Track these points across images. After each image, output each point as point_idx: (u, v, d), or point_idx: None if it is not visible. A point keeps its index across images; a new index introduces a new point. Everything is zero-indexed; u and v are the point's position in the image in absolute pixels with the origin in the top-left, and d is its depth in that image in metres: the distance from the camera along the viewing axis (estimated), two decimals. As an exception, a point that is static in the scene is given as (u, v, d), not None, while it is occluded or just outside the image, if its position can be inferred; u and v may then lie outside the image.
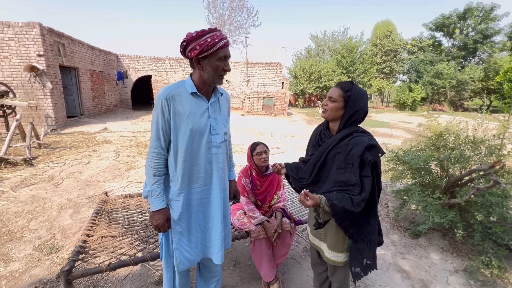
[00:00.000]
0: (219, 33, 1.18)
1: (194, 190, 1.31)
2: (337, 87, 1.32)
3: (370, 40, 25.82)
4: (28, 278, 2.04)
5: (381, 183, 1.34)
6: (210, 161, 1.31)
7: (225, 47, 1.19)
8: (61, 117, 8.41)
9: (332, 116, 1.34)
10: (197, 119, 1.24)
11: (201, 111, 1.26)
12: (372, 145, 1.22)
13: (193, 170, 1.28)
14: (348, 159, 1.22)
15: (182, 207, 1.30)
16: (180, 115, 1.21)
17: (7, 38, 7.24)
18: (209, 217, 1.37)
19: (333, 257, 1.42)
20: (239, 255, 2.41)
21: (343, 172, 1.22)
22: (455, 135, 2.80)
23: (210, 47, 1.15)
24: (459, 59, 24.76)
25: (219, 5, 21.71)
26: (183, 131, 1.22)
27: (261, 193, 2.14)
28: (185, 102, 1.22)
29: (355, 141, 1.23)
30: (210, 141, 1.29)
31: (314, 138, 1.50)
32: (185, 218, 1.33)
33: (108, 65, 12.73)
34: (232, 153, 1.67)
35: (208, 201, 1.35)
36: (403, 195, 2.82)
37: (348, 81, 1.33)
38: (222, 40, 1.17)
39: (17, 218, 2.92)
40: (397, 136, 8.74)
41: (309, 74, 19.51)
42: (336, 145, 1.29)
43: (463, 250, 2.56)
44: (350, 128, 1.30)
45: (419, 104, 22.09)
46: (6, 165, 4.50)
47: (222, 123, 1.34)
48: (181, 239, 1.34)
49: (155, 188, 1.25)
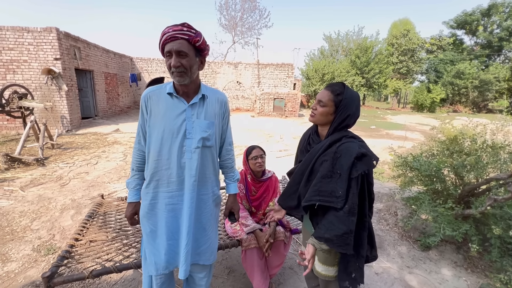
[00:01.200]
0: (167, 28, 1.12)
1: (163, 194, 1.24)
2: (327, 89, 1.21)
3: (386, 39, 25.06)
4: (22, 280, 2.05)
5: (373, 193, 1.23)
6: (183, 167, 1.22)
7: (169, 41, 1.11)
8: (76, 119, 8.70)
9: (321, 121, 1.24)
10: (171, 121, 1.19)
11: (176, 113, 1.20)
12: (363, 154, 1.10)
13: (163, 173, 1.22)
14: (335, 168, 1.12)
15: (148, 208, 1.27)
16: (155, 116, 1.20)
17: (26, 43, 7.58)
18: (181, 226, 1.27)
19: (323, 270, 1.32)
20: (234, 263, 2.32)
21: (328, 182, 1.12)
22: (471, 140, 2.57)
23: (159, 45, 1.15)
24: (483, 58, 23.51)
25: (231, 7, 21.87)
26: (157, 132, 1.20)
27: (256, 199, 2.05)
28: (161, 103, 1.20)
29: (344, 149, 1.13)
30: (183, 146, 1.21)
31: (302, 143, 1.40)
32: (152, 220, 1.27)
33: (122, 67, 13.08)
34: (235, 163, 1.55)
35: (180, 209, 1.26)
36: (412, 203, 2.63)
37: (339, 83, 1.22)
38: (164, 35, 1.11)
39: (22, 217, 2.99)
40: (412, 139, 8.35)
41: (321, 75, 19.17)
42: (324, 152, 1.19)
43: (479, 266, 2.33)
44: (339, 133, 1.19)
45: (438, 105, 21.16)
46: (19, 164, 4.66)
47: (202, 127, 1.23)
48: (149, 240, 1.29)
49: (132, 181, 1.31)
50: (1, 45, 7.46)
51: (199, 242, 1.35)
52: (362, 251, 1.21)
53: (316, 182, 1.16)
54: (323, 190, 1.12)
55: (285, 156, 6.07)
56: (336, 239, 1.09)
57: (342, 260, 1.24)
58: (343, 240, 1.09)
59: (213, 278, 2.12)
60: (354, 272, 1.21)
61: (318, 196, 1.13)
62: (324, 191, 1.12)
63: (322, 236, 1.13)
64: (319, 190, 1.14)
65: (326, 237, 1.11)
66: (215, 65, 15.64)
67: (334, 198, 1.09)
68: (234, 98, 16.19)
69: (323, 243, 1.13)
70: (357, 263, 1.21)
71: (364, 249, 1.21)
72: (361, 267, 1.23)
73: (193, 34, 1.12)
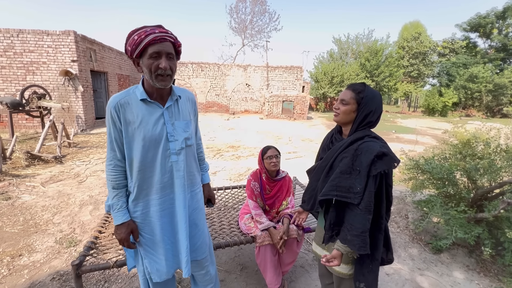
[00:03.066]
0: (149, 29, 1.07)
1: (154, 202, 1.22)
2: (348, 89, 1.26)
3: (397, 42, 24.77)
4: (47, 269, 2.17)
5: (391, 195, 1.24)
6: (170, 170, 1.22)
7: (154, 43, 1.06)
8: (91, 119, 8.97)
9: (344, 120, 1.27)
10: (150, 128, 1.14)
11: (154, 119, 1.16)
12: (384, 153, 1.11)
13: (150, 181, 1.20)
14: (355, 165, 1.15)
15: (141, 218, 1.23)
16: (131, 125, 1.13)
17: (46, 46, 7.89)
18: (177, 228, 1.27)
19: (338, 267, 1.35)
20: (247, 259, 2.38)
21: (347, 178, 1.15)
22: (485, 144, 2.57)
23: (137, 45, 1.05)
24: (497, 61, 22.94)
25: (241, 11, 22.11)
26: (136, 142, 1.14)
27: (270, 197, 2.11)
28: (135, 110, 1.13)
29: (365, 147, 1.15)
30: (168, 149, 1.19)
31: (325, 142, 1.44)
32: (147, 229, 1.24)
33: (135, 69, 13.37)
34: (205, 155, 1.59)
35: (173, 211, 1.26)
36: (423, 206, 2.63)
37: (360, 83, 1.27)
38: (150, 35, 1.05)
39: (44, 211, 3.14)
40: (423, 143, 8.25)
41: (331, 78, 19.12)
42: (345, 149, 1.22)
43: (492, 270, 2.33)
44: (361, 132, 1.22)
45: (450, 109, 20.74)
46: (39, 161, 4.87)
47: (182, 128, 1.23)
48: (147, 249, 1.27)
49: (115, 202, 1.19)
50: (22, 47, 7.80)
51: (194, 238, 1.36)
52: (377, 254, 1.20)
53: (335, 177, 1.19)
54: (341, 186, 1.15)
55: (294, 157, 6.11)
56: (356, 240, 1.11)
57: (357, 260, 1.25)
58: (361, 239, 1.11)
59: (227, 273, 2.19)
60: (367, 274, 1.21)
61: (336, 191, 1.16)
62: (342, 187, 1.15)
63: (345, 238, 1.16)
64: (337, 185, 1.16)
65: (348, 238, 1.14)
66: (225, 68, 15.83)
67: (351, 194, 1.12)
68: (243, 101, 16.33)
69: (347, 245, 1.15)
70: (371, 265, 1.21)
71: (379, 251, 1.21)
72: (374, 270, 1.22)
73: (175, 37, 1.13)
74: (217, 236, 2.02)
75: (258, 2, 21.63)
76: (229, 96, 16.14)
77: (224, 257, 2.39)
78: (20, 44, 7.77)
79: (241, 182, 4.38)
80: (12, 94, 7.96)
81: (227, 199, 2.76)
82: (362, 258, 1.22)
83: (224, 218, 2.33)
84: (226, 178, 4.61)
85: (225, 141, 7.64)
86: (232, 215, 2.39)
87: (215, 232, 2.10)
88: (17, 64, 7.88)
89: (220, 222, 2.27)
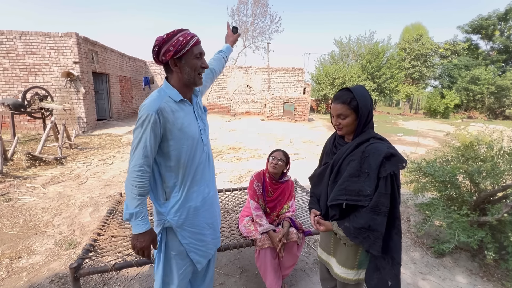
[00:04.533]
0: (188, 31, 1.15)
1: (196, 194, 1.28)
2: (338, 103, 1.21)
3: (398, 44, 24.77)
4: (46, 272, 2.16)
5: (400, 196, 1.22)
6: (205, 160, 1.30)
7: (197, 44, 1.16)
8: (92, 120, 9.00)
9: (350, 130, 1.26)
10: (191, 126, 1.20)
11: (190, 117, 1.23)
12: (392, 154, 1.11)
13: (194, 176, 1.25)
14: (363, 167, 1.13)
15: (188, 214, 1.25)
16: (173, 127, 1.14)
17: (48, 47, 7.94)
18: (214, 212, 1.39)
19: (342, 273, 1.33)
20: (246, 262, 2.36)
21: (356, 181, 1.14)
22: (487, 146, 2.54)
23: (184, 46, 1.11)
24: (500, 63, 22.87)
25: (242, 13, 22.18)
26: (180, 143, 1.17)
27: (272, 200, 2.10)
28: (176, 113, 1.15)
29: (372, 149, 1.14)
30: (202, 142, 1.27)
31: (328, 146, 1.42)
32: (191, 222, 1.28)
33: (136, 71, 13.46)
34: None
35: (209, 197, 1.34)
36: (425, 209, 2.61)
37: (343, 91, 1.24)
38: (194, 38, 1.14)
39: (44, 213, 3.13)
40: (425, 145, 8.21)
41: (332, 80, 19.11)
42: (352, 152, 1.20)
43: (496, 274, 2.29)
44: (366, 134, 1.21)
45: (452, 111, 20.66)
46: (40, 163, 4.88)
47: (204, 120, 1.34)
48: (192, 242, 1.30)
49: (140, 210, 1.14)
50: (25, 49, 7.84)
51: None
52: (397, 257, 1.17)
53: (343, 181, 1.17)
54: (350, 189, 1.14)
55: (295, 159, 6.08)
56: (353, 230, 1.15)
57: (371, 265, 1.22)
58: (359, 233, 1.12)
59: (226, 277, 2.17)
60: (390, 280, 1.17)
61: (345, 195, 1.14)
62: (351, 190, 1.13)
63: (343, 224, 1.19)
64: (346, 189, 1.15)
65: (345, 224, 1.18)
66: (226, 69, 15.86)
67: (361, 196, 1.11)
68: (244, 102, 16.34)
69: (341, 229, 1.19)
70: (393, 270, 1.17)
71: (399, 254, 1.17)
72: (397, 274, 1.18)
73: None
74: (217, 239, 2.01)
75: (260, 4, 21.70)
76: (230, 98, 16.16)
77: (224, 260, 2.37)
78: (22, 46, 7.82)
79: (241, 184, 4.37)
80: (14, 95, 8.01)
81: (227, 201, 2.74)
82: (382, 264, 1.18)
83: (224, 221, 2.31)
84: (226, 179, 4.59)
85: (226, 143, 7.63)
86: (232, 217, 2.37)
87: (215, 234, 2.08)
88: (20, 66, 7.93)
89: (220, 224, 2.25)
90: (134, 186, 1.11)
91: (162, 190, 1.24)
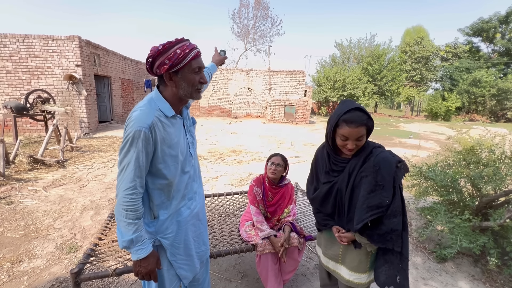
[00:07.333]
0: (188, 43, 1.06)
1: (184, 208, 1.23)
2: (359, 126, 1.15)
3: (399, 47, 24.82)
4: (47, 276, 2.16)
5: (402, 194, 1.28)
6: (193, 173, 1.27)
7: (197, 57, 1.07)
8: (94, 123, 9.03)
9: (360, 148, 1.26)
10: (180, 141, 1.15)
11: (180, 132, 1.16)
12: (399, 161, 1.18)
13: (181, 190, 1.20)
14: (378, 180, 1.15)
15: (177, 229, 1.20)
16: (164, 143, 1.07)
17: (51, 51, 8.00)
18: (200, 224, 1.34)
19: (356, 279, 1.32)
20: (247, 267, 2.35)
21: (373, 195, 1.16)
22: (489, 151, 2.53)
23: (181, 60, 1.02)
24: (501, 65, 22.86)
25: (244, 16, 22.29)
26: (171, 160, 1.11)
27: (272, 205, 2.09)
28: (167, 128, 1.08)
29: (381, 161, 1.17)
30: (190, 155, 1.23)
31: (323, 164, 1.37)
32: (180, 238, 1.22)
33: (138, 74, 13.52)
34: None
35: (196, 210, 1.30)
36: (427, 213, 2.59)
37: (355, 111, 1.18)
38: (194, 50, 1.05)
39: (45, 216, 3.14)
40: (426, 148, 8.19)
41: (333, 82, 19.15)
42: (361, 168, 1.22)
43: (498, 280, 2.27)
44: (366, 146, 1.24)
45: (454, 114, 20.63)
46: (42, 165, 4.89)
47: (192, 132, 1.29)
48: (180, 258, 1.25)
49: (139, 234, 1.04)
50: (28, 52, 7.90)
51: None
52: (405, 251, 1.22)
53: (364, 200, 1.18)
54: (372, 205, 1.16)
55: (296, 162, 6.08)
56: (377, 237, 1.18)
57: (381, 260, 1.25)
58: (384, 237, 1.17)
59: (227, 281, 2.16)
60: (399, 274, 1.21)
61: (369, 212, 1.16)
62: (372, 206, 1.16)
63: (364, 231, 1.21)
64: (368, 206, 1.17)
65: (367, 232, 1.19)
66: (227, 72, 15.92)
67: (381, 208, 1.15)
68: (245, 105, 16.37)
69: (365, 237, 1.21)
70: (401, 264, 1.21)
71: (406, 249, 1.23)
72: (405, 269, 1.23)
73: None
74: (218, 244, 2.00)
75: (261, 7, 21.82)
76: (231, 100, 16.19)
77: (225, 265, 2.36)
78: (25, 49, 7.88)
79: (242, 188, 4.36)
80: (17, 98, 8.06)
81: (228, 205, 2.74)
82: (390, 258, 1.22)
83: (225, 225, 2.31)
84: (227, 182, 4.59)
85: (227, 146, 7.64)
86: (233, 222, 2.37)
87: (216, 239, 2.07)
88: (22, 68, 7.99)
89: (220, 229, 2.25)
90: (129, 211, 1.01)
91: (149, 208, 1.16)
